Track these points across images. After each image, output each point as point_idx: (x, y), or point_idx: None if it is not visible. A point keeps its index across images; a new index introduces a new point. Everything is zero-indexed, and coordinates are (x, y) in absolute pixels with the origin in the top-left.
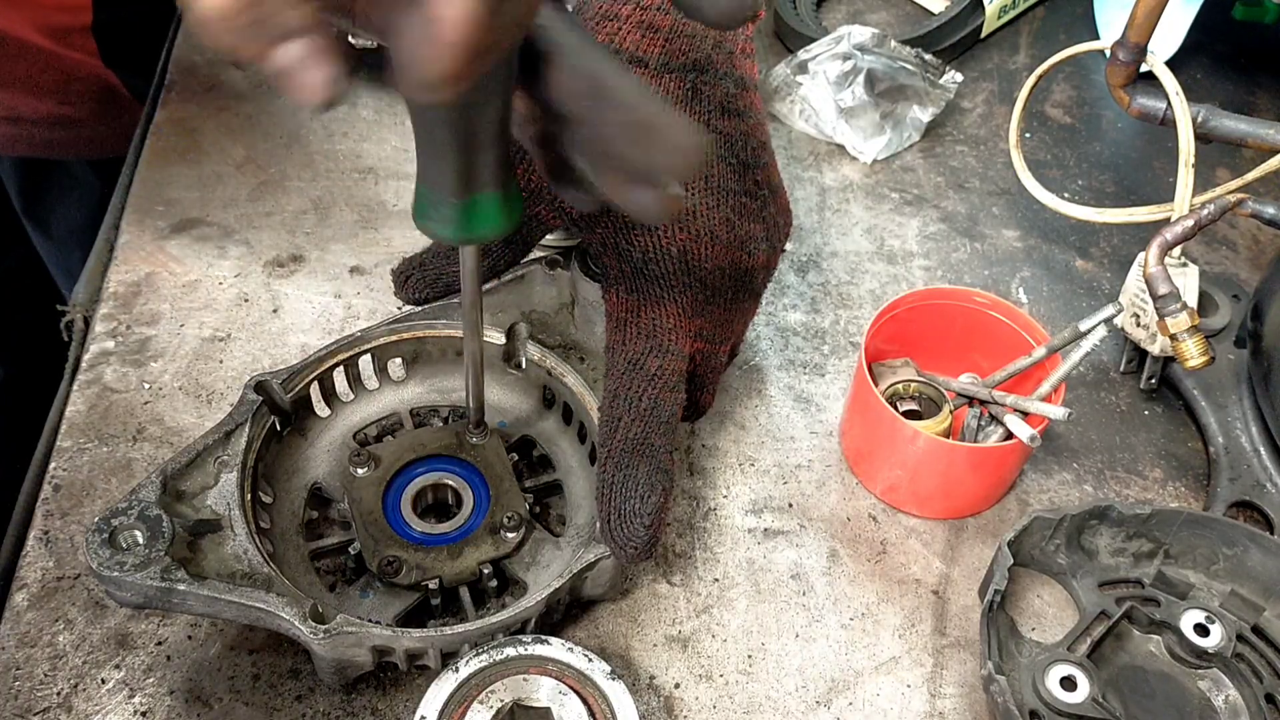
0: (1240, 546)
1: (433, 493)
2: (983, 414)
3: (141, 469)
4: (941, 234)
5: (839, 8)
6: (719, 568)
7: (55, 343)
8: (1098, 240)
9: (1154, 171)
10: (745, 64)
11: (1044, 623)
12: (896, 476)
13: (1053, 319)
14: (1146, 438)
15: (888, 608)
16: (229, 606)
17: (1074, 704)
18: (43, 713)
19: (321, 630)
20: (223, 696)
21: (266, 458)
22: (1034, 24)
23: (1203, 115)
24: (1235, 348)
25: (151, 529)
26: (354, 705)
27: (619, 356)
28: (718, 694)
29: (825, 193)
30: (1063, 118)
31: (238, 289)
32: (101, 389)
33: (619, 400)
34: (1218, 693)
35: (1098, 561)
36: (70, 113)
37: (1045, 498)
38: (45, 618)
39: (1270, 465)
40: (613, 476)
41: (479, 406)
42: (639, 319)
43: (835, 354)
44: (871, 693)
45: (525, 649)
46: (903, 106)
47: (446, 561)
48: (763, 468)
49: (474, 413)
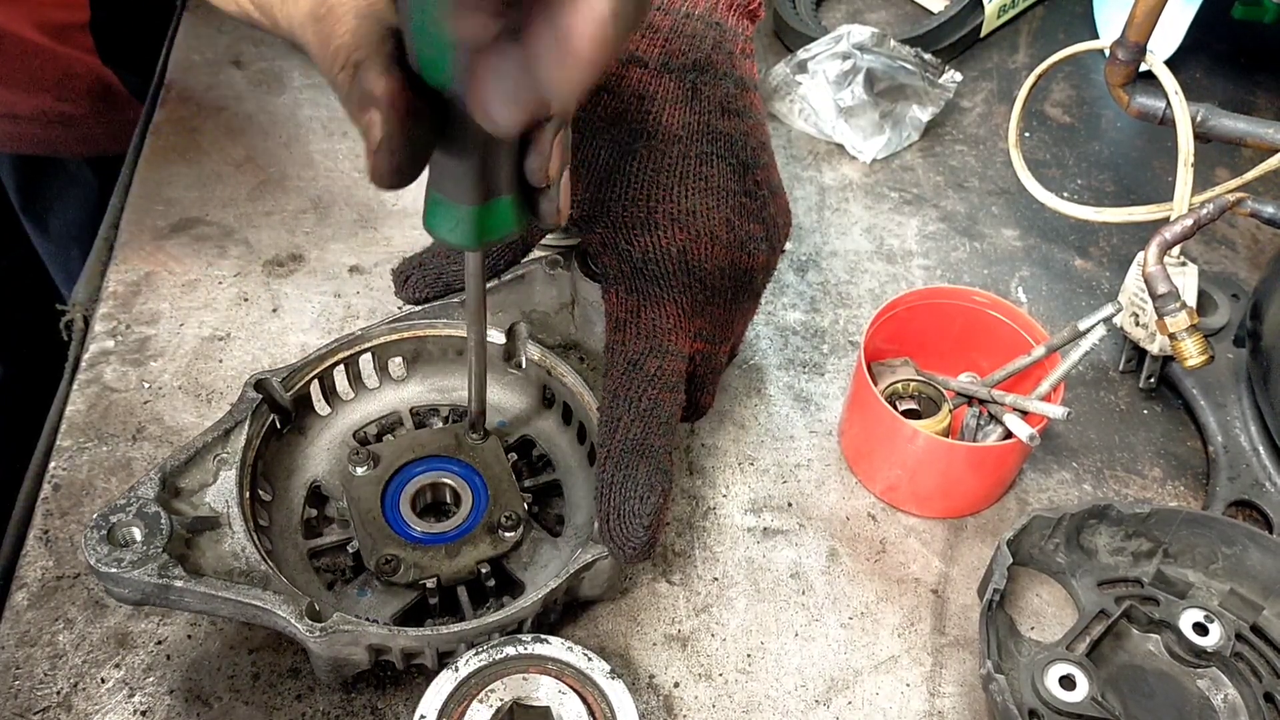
0: (1239, 545)
1: (431, 492)
2: (982, 413)
3: (141, 468)
4: (941, 233)
5: (838, 7)
6: (718, 567)
7: (55, 342)
8: (1097, 239)
9: (1153, 171)
10: (745, 64)
11: (1043, 622)
12: (896, 476)
13: (1052, 318)
14: (1146, 437)
15: (887, 607)
16: (226, 604)
17: (1073, 703)
18: (42, 712)
19: (318, 628)
20: (222, 695)
21: (266, 456)
22: (1033, 23)
23: (1202, 114)
24: (1234, 347)
25: (150, 526)
26: (353, 704)
27: (618, 357)
28: (717, 693)
29: (825, 192)
30: (1062, 117)
31: (237, 288)
32: (101, 388)
33: (619, 400)
34: (1216, 692)
35: (1097, 560)
36: (68, 110)
37: (1044, 497)
38: (45, 617)
39: (1269, 464)
40: (612, 477)
41: (481, 409)
42: (639, 319)
43: (835, 353)
44: (871, 691)
45: (525, 648)
46: (902, 106)
47: (444, 561)
48: (762, 467)
49: (475, 414)
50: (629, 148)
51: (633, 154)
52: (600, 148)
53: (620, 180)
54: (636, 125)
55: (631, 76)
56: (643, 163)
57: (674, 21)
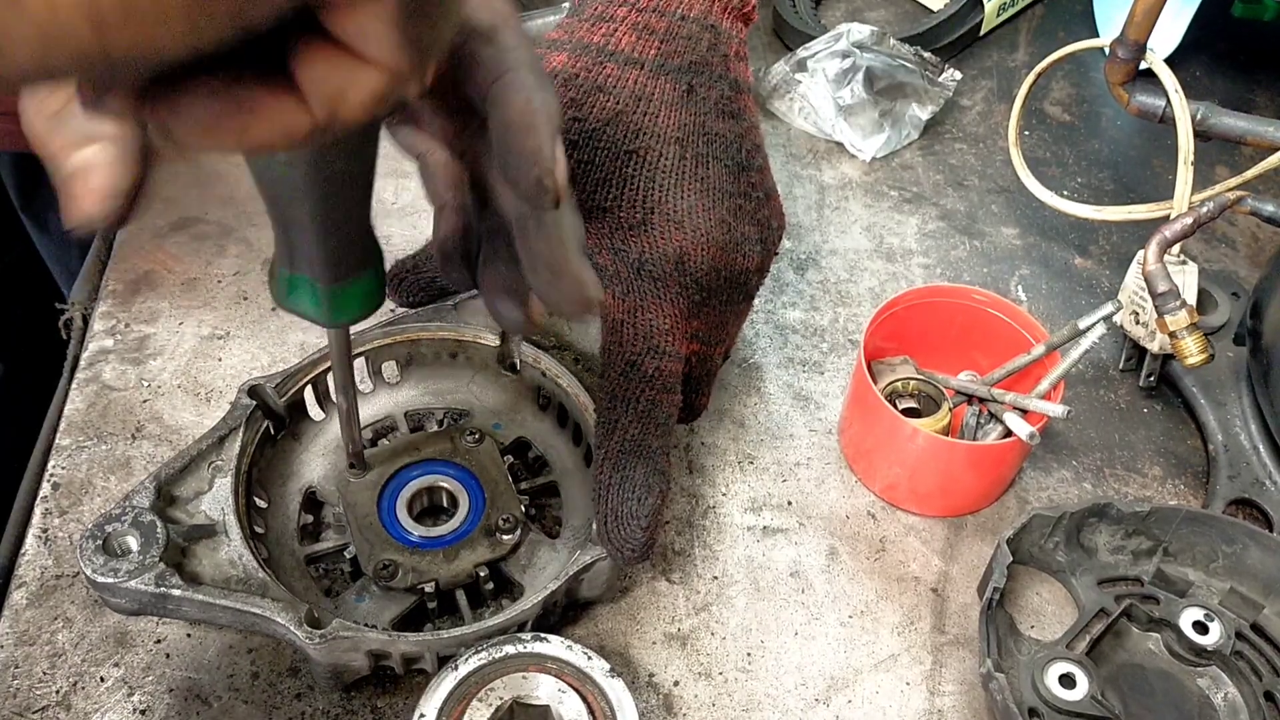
0: (1239, 544)
1: (428, 495)
2: (982, 412)
3: (140, 467)
4: (940, 232)
5: (838, 5)
6: (718, 565)
7: (54, 340)
8: (1097, 238)
9: (1153, 169)
10: (739, 67)
11: (1043, 620)
12: (895, 474)
13: (1051, 317)
14: (1145, 435)
15: (887, 605)
16: (224, 613)
17: (1073, 702)
18: (42, 711)
19: (318, 635)
20: (222, 695)
21: (260, 462)
22: (1033, 21)
23: (1202, 113)
24: (1234, 345)
25: (146, 535)
26: (353, 703)
27: (616, 358)
28: (717, 692)
29: (824, 191)
30: (1062, 115)
31: (236, 287)
32: (100, 387)
33: (616, 402)
34: (1217, 690)
35: (1097, 559)
36: None
37: (1044, 495)
38: (44, 616)
39: (1269, 463)
40: (610, 478)
41: (357, 450)
42: (636, 320)
43: (834, 352)
44: (870, 690)
45: (524, 647)
46: (901, 104)
47: (442, 564)
48: (762, 465)
49: (351, 455)
50: (626, 149)
51: (630, 155)
52: (597, 149)
53: (617, 181)
54: (633, 126)
55: (628, 78)
56: (640, 164)
57: (669, 24)
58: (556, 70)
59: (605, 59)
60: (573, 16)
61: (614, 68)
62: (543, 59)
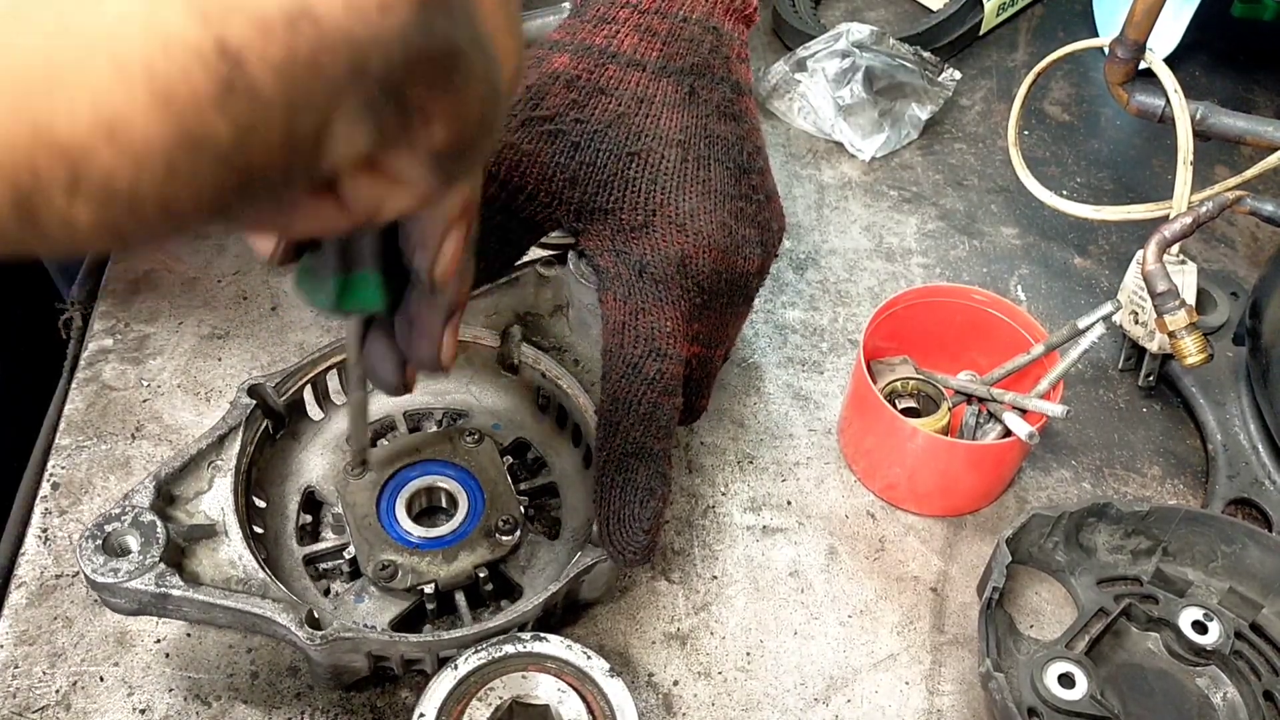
0: (1238, 544)
1: (427, 496)
2: (981, 411)
3: (140, 466)
4: (940, 231)
5: (837, 5)
6: (718, 565)
7: (53, 340)
8: (1096, 238)
9: (1152, 169)
10: (741, 69)
11: (1042, 620)
12: (895, 474)
13: (1051, 316)
14: (1145, 435)
15: (886, 605)
16: (224, 613)
17: (1072, 701)
18: (41, 710)
19: (318, 636)
20: (221, 694)
21: (260, 462)
22: (1032, 21)
23: (1201, 112)
24: (1233, 345)
25: (146, 535)
26: (353, 703)
27: (617, 360)
28: (716, 691)
29: (824, 190)
30: (1061, 115)
31: (236, 286)
32: (100, 386)
33: (617, 404)
34: (1216, 690)
35: (1096, 559)
36: None
37: (1044, 495)
38: (44, 615)
39: (1269, 462)
40: (611, 481)
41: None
42: (637, 322)
43: (834, 351)
44: (870, 690)
45: (524, 646)
46: (901, 104)
47: (442, 565)
48: (761, 465)
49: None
50: (628, 150)
51: (632, 157)
52: (599, 150)
53: (619, 183)
54: (635, 128)
55: (631, 80)
56: (642, 166)
57: (671, 25)
58: (559, 72)
59: (607, 61)
60: (574, 17)
61: (616, 69)
62: (544, 59)
